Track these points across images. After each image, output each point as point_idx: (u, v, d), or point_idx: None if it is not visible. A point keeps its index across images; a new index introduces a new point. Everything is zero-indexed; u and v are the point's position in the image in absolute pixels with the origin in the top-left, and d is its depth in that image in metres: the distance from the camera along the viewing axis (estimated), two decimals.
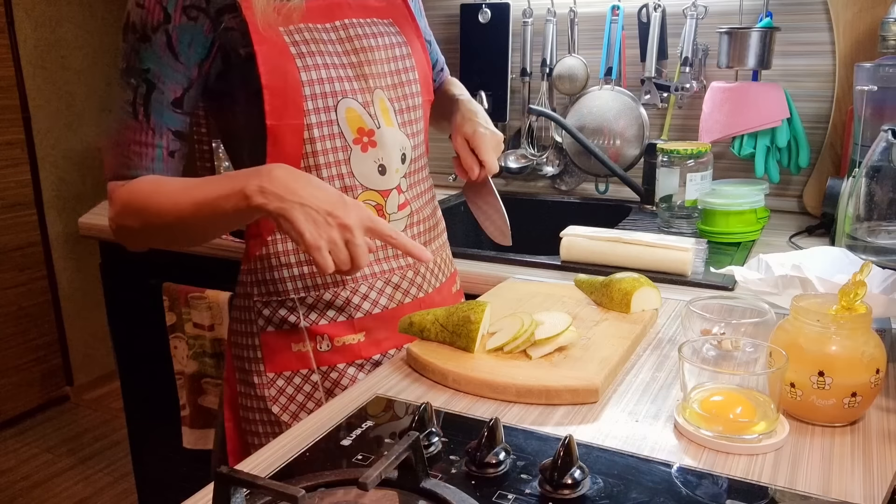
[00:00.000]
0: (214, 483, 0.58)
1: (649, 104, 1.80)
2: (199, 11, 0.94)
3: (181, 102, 0.97)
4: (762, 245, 1.46)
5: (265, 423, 1.06)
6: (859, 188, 1.12)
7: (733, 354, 0.83)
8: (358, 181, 1.02)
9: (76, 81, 3.08)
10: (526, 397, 0.82)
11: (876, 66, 1.40)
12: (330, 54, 0.99)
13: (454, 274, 1.23)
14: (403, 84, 1.06)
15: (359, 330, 1.05)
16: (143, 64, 0.94)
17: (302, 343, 1.04)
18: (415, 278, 1.10)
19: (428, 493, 0.62)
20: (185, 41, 0.94)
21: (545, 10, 1.88)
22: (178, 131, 0.98)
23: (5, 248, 2.88)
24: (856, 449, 0.72)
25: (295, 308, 1.04)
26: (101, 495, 2.49)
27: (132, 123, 0.96)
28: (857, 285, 0.76)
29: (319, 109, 0.97)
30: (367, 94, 1.02)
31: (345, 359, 1.05)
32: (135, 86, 0.95)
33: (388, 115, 1.04)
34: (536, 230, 1.88)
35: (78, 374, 3.20)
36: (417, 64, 1.09)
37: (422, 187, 1.12)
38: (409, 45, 1.09)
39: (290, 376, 1.05)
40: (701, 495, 0.64)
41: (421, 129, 1.11)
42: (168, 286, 1.68)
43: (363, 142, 1.01)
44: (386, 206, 1.05)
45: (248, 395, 1.08)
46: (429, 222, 1.13)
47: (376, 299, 1.06)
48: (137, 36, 0.93)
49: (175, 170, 0.99)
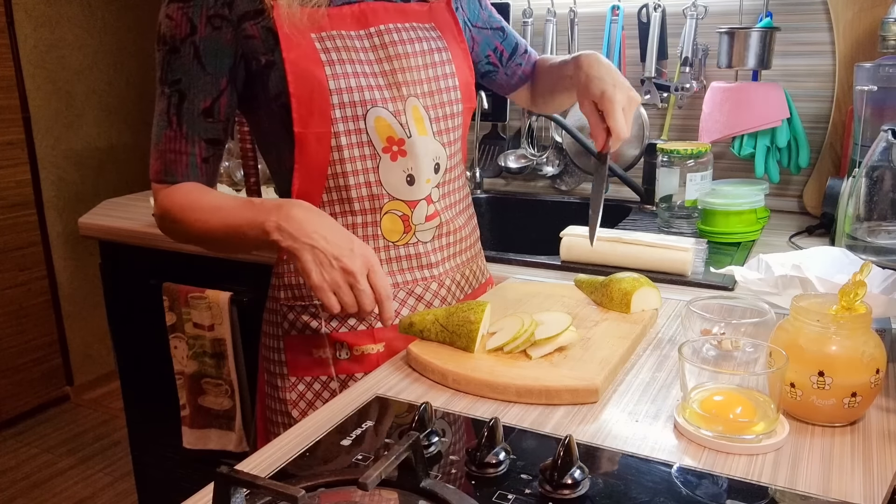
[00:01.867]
0: (214, 483, 0.58)
1: (649, 104, 1.80)
2: (222, 20, 0.95)
3: (211, 112, 0.98)
4: (762, 245, 1.46)
5: (286, 426, 1.06)
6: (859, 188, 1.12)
7: (733, 354, 0.83)
8: (385, 190, 1.01)
9: (76, 81, 3.08)
10: (526, 397, 0.82)
11: (876, 66, 1.40)
12: (361, 62, 0.98)
13: (486, 283, 1.21)
14: (441, 91, 1.04)
15: (378, 340, 1.05)
16: (174, 75, 0.96)
17: (322, 350, 1.05)
18: (438, 290, 1.09)
19: (428, 493, 0.62)
20: (212, 52, 0.95)
21: (545, 10, 1.88)
22: (210, 139, 1.00)
23: (5, 248, 2.88)
24: (856, 449, 0.72)
25: (317, 314, 1.04)
26: (101, 495, 2.49)
27: (168, 132, 0.98)
28: (857, 285, 0.76)
29: (347, 118, 0.97)
30: (400, 102, 1.00)
31: (363, 368, 1.05)
32: (168, 95, 0.97)
33: (421, 124, 1.02)
34: (536, 230, 1.88)
35: (78, 374, 3.20)
36: (458, 70, 1.07)
37: (455, 197, 1.10)
38: (450, 50, 1.06)
39: (310, 382, 1.06)
40: (701, 495, 0.64)
41: (458, 137, 1.09)
42: (168, 286, 1.68)
43: (392, 150, 1.00)
44: (412, 217, 1.04)
45: (273, 398, 1.09)
46: (460, 233, 1.11)
47: (398, 310, 1.05)
48: (168, 48, 0.96)
49: (210, 174, 1.02)
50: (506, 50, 1.25)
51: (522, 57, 1.28)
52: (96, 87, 3.16)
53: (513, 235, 1.92)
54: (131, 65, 3.29)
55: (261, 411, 1.13)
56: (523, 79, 1.29)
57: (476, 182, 1.99)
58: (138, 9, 3.27)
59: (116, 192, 2.79)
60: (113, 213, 1.88)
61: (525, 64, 1.28)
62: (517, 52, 1.27)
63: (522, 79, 1.29)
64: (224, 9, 0.94)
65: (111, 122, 3.25)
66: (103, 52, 3.16)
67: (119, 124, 3.28)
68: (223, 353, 1.65)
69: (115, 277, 1.88)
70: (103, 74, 3.18)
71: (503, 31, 1.25)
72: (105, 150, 3.22)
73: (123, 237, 1.77)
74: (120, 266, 1.85)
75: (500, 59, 1.25)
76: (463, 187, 1.12)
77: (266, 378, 1.11)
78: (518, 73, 1.28)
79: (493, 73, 1.27)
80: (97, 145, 3.19)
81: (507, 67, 1.27)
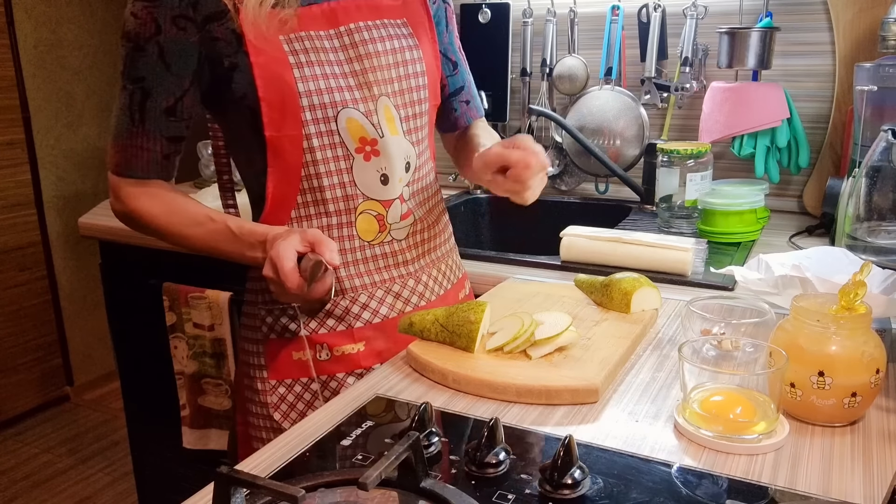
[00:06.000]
0: (214, 483, 0.58)
1: (649, 104, 1.80)
2: (187, 21, 0.94)
3: (174, 110, 0.98)
4: (762, 245, 1.46)
5: (268, 430, 1.06)
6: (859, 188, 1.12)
7: (733, 354, 0.83)
8: (360, 190, 1.01)
9: (76, 81, 3.08)
10: (526, 397, 0.82)
11: (876, 66, 1.40)
12: (330, 63, 0.97)
13: (462, 279, 1.21)
14: (412, 90, 1.04)
15: (358, 339, 1.05)
16: (137, 72, 0.96)
17: (302, 352, 1.04)
18: (416, 286, 1.09)
19: (428, 493, 0.62)
20: (176, 52, 0.95)
21: (545, 10, 1.88)
22: (172, 137, 1.00)
23: (5, 248, 2.88)
24: (856, 449, 0.72)
25: (296, 316, 1.04)
26: (101, 495, 2.49)
27: (129, 126, 0.99)
28: (857, 285, 0.76)
29: (318, 120, 0.97)
30: (371, 102, 1.00)
31: (344, 368, 1.05)
32: (130, 91, 0.97)
33: (393, 124, 1.02)
34: (536, 230, 1.88)
35: (78, 374, 3.20)
36: (427, 68, 1.06)
37: (425, 194, 1.10)
38: (421, 47, 1.06)
39: (290, 384, 1.05)
40: (701, 495, 0.64)
41: (426, 135, 1.09)
42: (168, 286, 1.68)
43: (366, 151, 1.00)
44: (387, 217, 1.04)
45: (253, 401, 1.08)
46: (433, 230, 1.12)
47: (376, 308, 1.06)
48: (132, 45, 0.95)
49: (170, 169, 1.03)
50: (448, 87, 1.18)
51: (461, 105, 1.21)
52: (96, 87, 3.16)
53: (513, 235, 1.92)
54: None
55: (242, 415, 1.11)
56: (450, 126, 1.22)
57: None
58: None
59: None
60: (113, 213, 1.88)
61: (459, 113, 1.21)
62: (457, 96, 1.20)
63: (449, 126, 1.22)
64: (188, 9, 0.93)
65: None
66: (103, 52, 3.16)
67: None
68: (223, 353, 1.65)
69: (115, 277, 1.88)
70: (103, 74, 3.18)
71: (455, 66, 1.19)
72: (105, 150, 3.21)
73: (123, 237, 1.77)
74: (120, 266, 1.85)
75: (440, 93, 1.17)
76: (433, 184, 1.12)
77: (246, 382, 1.10)
78: (449, 118, 1.21)
79: None
80: (97, 145, 3.19)
81: (444, 105, 1.19)
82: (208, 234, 1.01)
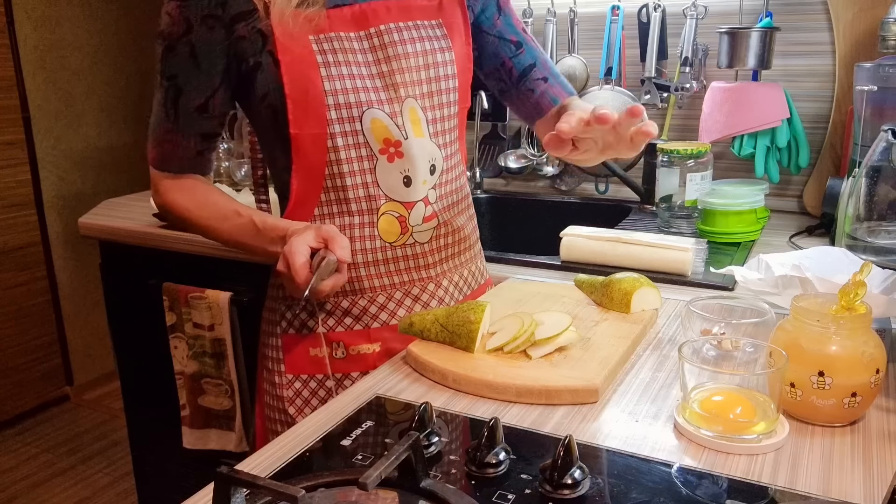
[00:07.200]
0: (214, 483, 0.58)
1: (649, 104, 1.80)
2: (216, 21, 0.95)
3: (206, 108, 1.01)
4: (762, 245, 1.46)
5: (283, 424, 1.07)
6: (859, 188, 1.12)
7: (733, 354, 0.83)
8: (382, 191, 1.02)
9: (76, 81, 3.08)
10: (526, 397, 0.82)
11: (876, 66, 1.40)
12: (358, 64, 0.98)
13: (485, 284, 1.21)
14: (441, 92, 1.03)
15: (374, 340, 1.05)
16: (171, 70, 0.98)
17: (319, 348, 1.05)
18: (436, 290, 1.09)
19: (428, 493, 0.62)
20: (206, 51, 0.97)
21: (545, 10, 1.88)
22: (205, 133, 1.03)
23: (5, 248, 2.88)
24: (856, 449, 0.72)
25: (314, 313, 1.05)
26: (101, 495, 2.49)
27: (165, 122, 1.02)
28: (857, 285, 0.76)
29: (343, 119, 0.97)
30: (397, 103, 1.00)
31: (359, 368, 1.05)
32: (166, 88, 1.00)
33: (418, 126, 1.02)
34: (536, 230, 1.88)
35: (78, 374, 3.20)
36: (459, 70, 1.05)
37: (454, 198, 1.09)
38: (454, 49, 1.04)
39: (306, 380, 1.06)
40: (701, 495, 0.64)
41: (455, 138, 1.08)
42: (168, 286, 1.68)
43: (389, 152, 1.01)
44: (409, 218, 1.04)
45: (270, 395, 1.09)
46: (458, 234, 1.10)
47: (394, 310, 1.06)
48: (166, 43, 0.97)
49: (205, 164, 1.07)
50: (515, 68, 1.13)
51: (538, 83, 1.13)
52: (96, 87, 3.16)
53: (513, 235, 1.92)
54: (131, 65, 3.29)
55: (260, 409, 1.13)
56: (534, 111, 1.15)
57: (476, 182, 2.00)
58: (138, 9, 3.27)
59: (116, 192, 2.79)
60: (113, 213, 1.88)
61: (539, 93, 1.12)
62: (529, 75, 1.13)
63: (533, 110, 1.15)
64: (218, 9, 0.95)
65: (111, 122, 3.25)
66: (103, 53, 3.16)
67: (119, 124, 3.28)
68: (223, 353, 1.65)
69: (115, 277, 1.88)
70: (103, 74, 3.18)
71: (519, 45, 1.13)
72: (105, 150, 3.22)
73: (123, 237, 1.77)
74: (120, 266, 1.85)
75: (508, 77, 1.14)
76: (462, 188, 1.11)
77: (265, 375, 1.11)
78: (530, 102, 1.14)
79: (507, 92, 1.17)
80: (97, 145, 3.19)
81: (519, 90, 1.14)
82: (234, 229, 1.03)
